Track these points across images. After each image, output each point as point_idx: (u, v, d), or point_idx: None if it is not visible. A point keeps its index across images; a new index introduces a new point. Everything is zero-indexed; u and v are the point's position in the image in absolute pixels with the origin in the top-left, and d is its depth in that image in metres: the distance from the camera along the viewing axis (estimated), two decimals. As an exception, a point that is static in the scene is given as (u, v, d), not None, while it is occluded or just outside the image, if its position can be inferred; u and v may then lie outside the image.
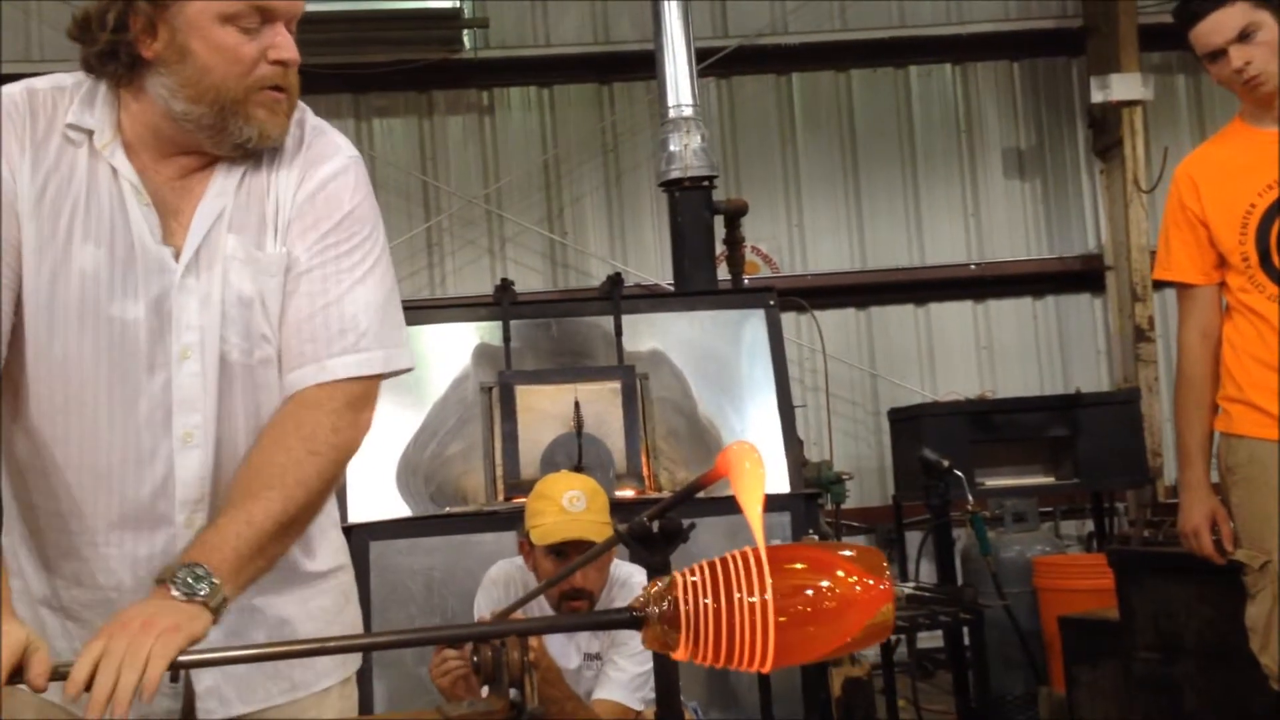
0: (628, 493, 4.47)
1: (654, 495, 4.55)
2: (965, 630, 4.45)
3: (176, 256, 1.58)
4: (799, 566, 1.13)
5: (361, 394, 1.60)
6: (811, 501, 4.72)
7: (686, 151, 5.77)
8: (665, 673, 1.96)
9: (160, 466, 1.58)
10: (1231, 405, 2.90)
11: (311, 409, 1.57)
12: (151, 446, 1.58)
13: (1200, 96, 7.64)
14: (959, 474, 4.50)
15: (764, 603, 1.09)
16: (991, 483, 5.54)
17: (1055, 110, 7.69)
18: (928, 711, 4.98)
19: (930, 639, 5.75)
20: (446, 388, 4.88)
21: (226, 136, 1.58)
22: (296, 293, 1.61)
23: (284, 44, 1.57)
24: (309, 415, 1.56)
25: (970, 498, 4.63)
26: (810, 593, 1.12)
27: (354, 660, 1.79)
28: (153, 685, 1.25)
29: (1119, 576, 3.80)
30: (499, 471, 4.60)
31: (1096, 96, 7.15)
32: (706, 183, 5.76)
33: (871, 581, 1.13)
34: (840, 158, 7.56)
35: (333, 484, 1.58)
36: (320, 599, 1.72)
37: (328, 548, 1.75)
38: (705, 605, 1.12)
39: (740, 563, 1.12)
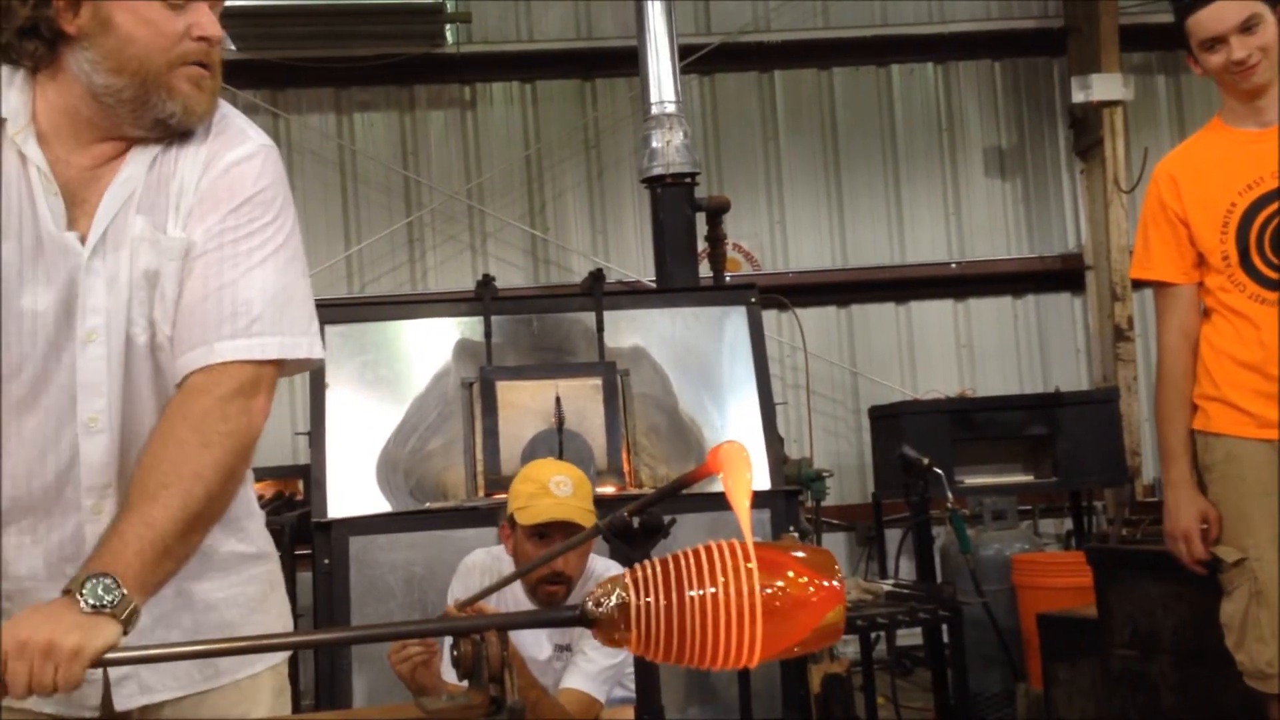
0: (608, 489, 4.46)
1: (635, 491, 4.55)
2: (944, 628, 4.46)
3: (83, 241, 1.57)
4: (751, 567, 1.13)
5: (252, 380, 1.56)
6: (792, 498, 4.73)
7: (669, 148, 5.77)
8: (646, 670, 1.97)
9: (65, 452, 1.57)
10: (1209, 404, 2.91)
11: (199, 395, 1.54)
12: (56, 432, 1.57)
13: (1180, 97, 7.67)
14: (939, 472, 4.51)
15: (712, 600, 1.09)
16: (971, 481, 5.56)
17: (1036, 110, 7.71)
18: (906, 709, 4.99)
19: (909, 636, 5.76)
20: (427, 383, 4.87)
21: (148, 111, 1.57)
22: (192, 276, 1.58)
23: (208, 22, 1.57)
24: (196, 403, 1.53)
25: (950, 495, 4.64)
26: (763, 593, 1.11)
27: None
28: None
29: (1097, 574, 3.81)
30: (480, 467, 4.59)
31: (1077, 96, 7.18)
32: (689, 179, 5.77)
33: (823, 583, 1.13)
34: (822, 156, 7.57)
35: (234, 476, 1.55)
36: (248, 586, 1.71)
37: (254, 530, 1.74)
38: (653, 602, 1.12)
39: (692, 560, 1.12)
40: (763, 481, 4.74)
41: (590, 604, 1.20)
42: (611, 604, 1.17)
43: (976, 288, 7.54)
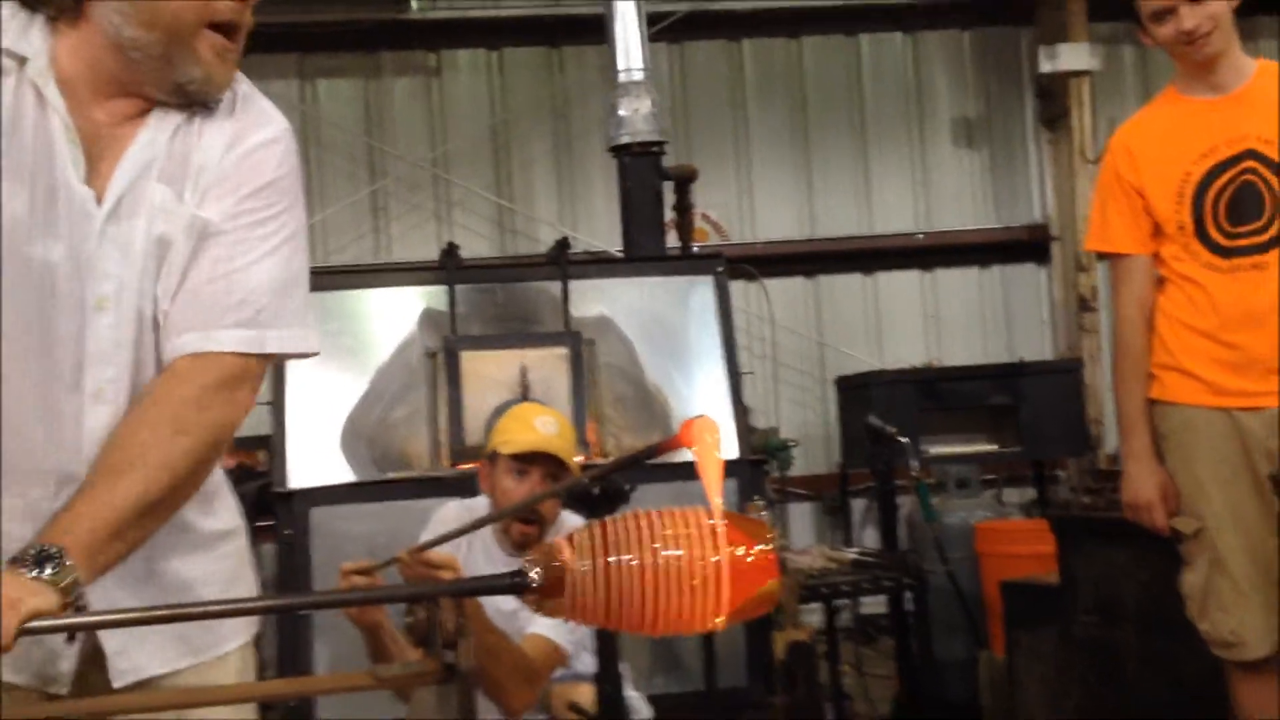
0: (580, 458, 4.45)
1: (600, 461, 4.54)
2: (908, 596, 4.49)
3: (99, 201, 1.53)
4: (686, 532, 1.12)
5: (240, 372, 1.53)
6: (758, 468, 4.73)
7: (636, 116, 5.73)
8: (605, 640, 1.96)
9: (70, 420, 1.53)
10: (1164, 372, 2.92)
11: (183, 381, 1.51)
12: (61, 399, 1.53)
13: (1146, 68, 7.69)
14: (905, 441, 4.52)
15: (643, 568, 1.08)
16: (936, 450, 5.58)
17: (1004, 80, 7.71)
18: (870, 676, 5.02)
19: (875, 605, 5.79)
20: (391, 353, 4.83)
21: (171, 72, 1.53)
22: (202, 255, 1.55)
23: None
24: (177, 389, 1.50)
25: (914, 464, 4.65)
26: (694, 561, 1.11)
27: (255, 624, 1.77)
28: None
29: (1060, 541, 3.83)
30: (444, 437, 4.56)
31: (1045, 66, 7.18)
32: (656, 148, 5.72)
33: (756, 553, 1.13)
34: (791, 125, 7.55)
35: (204, 465, 1.51)
36: (220, 563, 1.68)
37: (224, 507, 1.72)
38: (587, 570, 1.11)
39: (627, 526, 1.12)
40: (729, 451, 4.74)
41: (528, 572, 1.18)
42: (546, 571, 1.15)
43: (943, 258, 7.55)
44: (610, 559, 1.16)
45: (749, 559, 1.17)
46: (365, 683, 1.47)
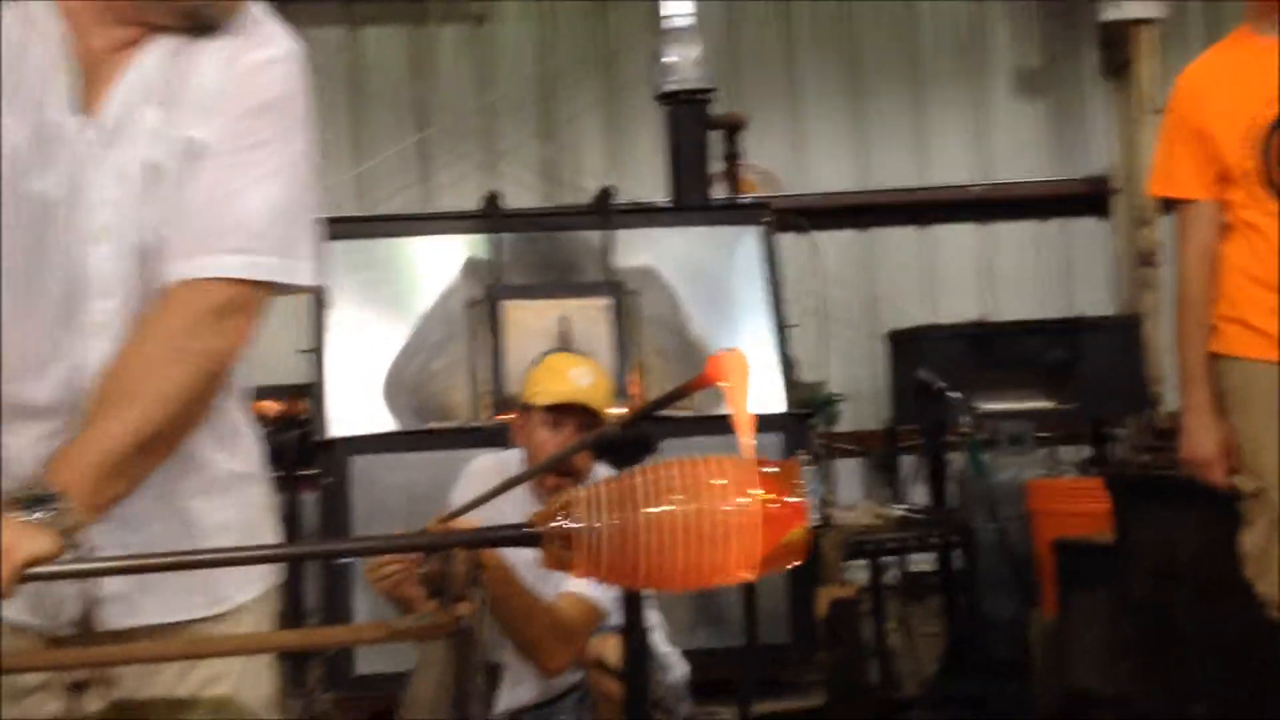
0: (615, 411, 4.38)
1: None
2: (957, 554, 4.40)
3: (96, 127, 1.47)
4: (716, 483, 1.06)
5: (239, 300, 1.46)
6: (803, 422, 4.65)
7: (684, 63, 5.63)
8: (630, 596, 1.89)
9: (70, 352, 1.48)
10: (1226, 325, 2.80)
11: (177, 309, 1.44)
12: (63, 333, 1.47)
13: (1213, 16, 7.41)
14: (955, 395, 4.41)
15: (659, 519, 1.02)
16: (990, 406, 5.44)
17: (1066, 28, 7.48)
18: (917, 634, 4.94)
19: (923, 562, 5.70)
20: (434, 302, 4.79)
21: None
22: (196, 179, 1.47)
23: None
24: (170, 318, 1.44)
25: (966, 420, 4.54)
26: (715, 511, 1.04)
27: (275, 573, 1.70)
28: None
29: (1116, 501, 3.72)
30: (485, 388, 4.52)
31: (1108, 14, 6.96)
32: (703, 96, 5.62)
33: (781, 500, 1.05)
34: (845, 74, 7.39)
35: (203, 397, 1.45)
36: (239, 510, 1.62)
37: (245, 449, 1.65)
38: (603, 523, 1.05)
39: (645, 477, 1.05)
40: (775, 404, 4.65)
41: (538, 524, 1.12)
42: (560, 523, 1.09)
43: (1000, 211, 7.38)
44: (622, 512, 1.10)
45: (773, 506, 1.09)
46: (378, 635, 1.42)
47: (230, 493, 1.62)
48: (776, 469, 1.12)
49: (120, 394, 1.39)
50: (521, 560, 2.58)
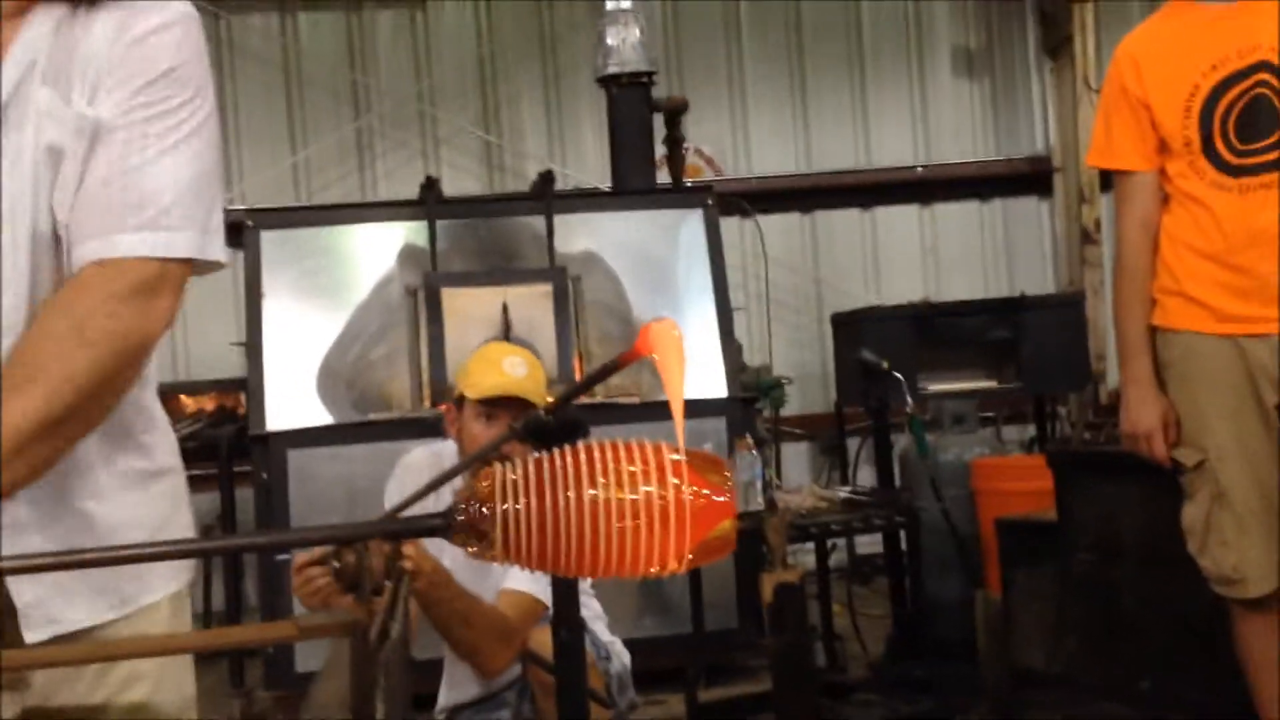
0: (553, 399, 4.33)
1: (587, 401, 4.42)
2: (902, 534, 4.39)
3: None
4: (631, 470, 1.01)
5: (155, 279, 1.39)
6: (748, 406, 4.62)
7: (625, 46, 5.56)
8: (563, 581, 1.85)
9: None
10: (1167, 297, 2.79)
11: (88, 289, 1.37)
12: None
13: (1152, -6, 7.46)
14: (898, 376, 4.39)
15: (582, 505, 0.97)
16: (934, 387, 5.44)
17: (1006, 6, 7.49)
18: (864, 616, 4.94)
19: (870, 545, 5.70)
20: (370, 291, 4.71)
21: None
22: (96, 157, 1.40)
23: None
24: (82, 298, 1.36)
25: (908, 400, 4.53)
26: (638, 501, 1.00)
27: (187, 570, 1.64)
28: None
29: (1058, 478, 3.72)
30: (425, 377, 4.45)
31: (1047, -9, 6.97)
32: (645, 79, 5.56)
33: (709, 492, 1.01)
34: (786, 56, 7.34)
35: (116, 380, 1.38)
36: (150, 505, 1.55)
37: (155, 444, 1.58)
38: (520, 508, 1.01)
39: (566, 460, 1.01)
40: (719, 389, 4.62)
41: (454, 511, 1.07)
42: (474, 508, 1.04)
43: (942, 192, 7.38)
44: (539, 497, 1.05)
45: (699, 498, 1.05)
46: (289, 633, 1.36)
47: (139, 489, 1.55)
48: (703, 459, 1.08)
49: (25, 375, 1.32)
50: (458, 562, 2.53)
